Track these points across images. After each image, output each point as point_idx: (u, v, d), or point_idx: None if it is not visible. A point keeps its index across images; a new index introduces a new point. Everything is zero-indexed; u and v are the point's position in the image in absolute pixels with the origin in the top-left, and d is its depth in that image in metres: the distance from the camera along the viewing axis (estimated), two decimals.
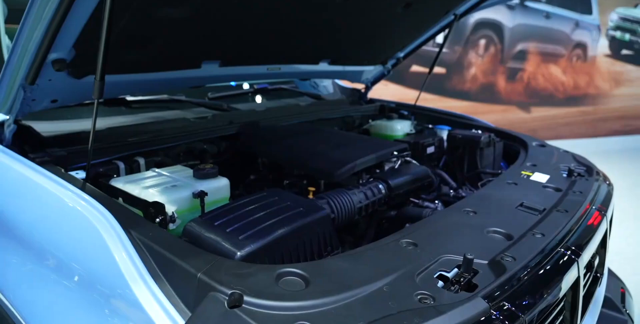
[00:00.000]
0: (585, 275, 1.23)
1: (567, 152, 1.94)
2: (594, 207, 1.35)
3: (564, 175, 1.59)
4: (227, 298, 0.73)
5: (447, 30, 2.25)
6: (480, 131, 2.13)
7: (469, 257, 0.90)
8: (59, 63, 1.16)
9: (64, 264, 0.93)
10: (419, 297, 0.81)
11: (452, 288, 0.87)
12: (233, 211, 1.05)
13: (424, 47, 2.40)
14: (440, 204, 1.66)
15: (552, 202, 1.32)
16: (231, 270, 0.81)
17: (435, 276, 0.90)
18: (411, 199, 1.65)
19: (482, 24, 6.45)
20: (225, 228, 0.97)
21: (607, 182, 1.64)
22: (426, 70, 6.58)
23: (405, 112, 2.52)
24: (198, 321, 0.73)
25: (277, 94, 2.37)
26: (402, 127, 2.35)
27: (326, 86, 2.80)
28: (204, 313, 0.73)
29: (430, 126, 2.39)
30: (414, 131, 2.39)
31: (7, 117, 1.28)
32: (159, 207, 1.04)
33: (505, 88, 6.99)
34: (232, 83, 2.33)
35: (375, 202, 1.37)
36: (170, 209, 1.07)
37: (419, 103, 2.56)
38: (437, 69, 6.59)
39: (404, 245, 1.01)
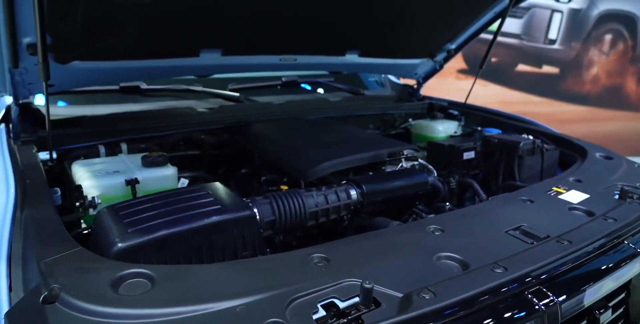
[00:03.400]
0: None
1: None
2: (629, 243, 1.00)
3: (615, 197, 1.22)
4: (46, 292, 0.67)
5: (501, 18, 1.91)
6: (530, 136, 1.77)
7: (367, 286, 0.71)
8: (32, 47, 1.21)
9: None
10: None
11: (330, 321, 0.69)
12: (149, 202, 0.98)
13: (533, 44, 2.07)
14: None
15: (566, 229, 1.01)
16: (77, 263, 0.74)
17: (320, 303, 0.72)
18: (414, 209, 1.42)
19: (609, 16, 5.50)
20: (125, 218, 0.91)
21: None
22: (536, 69, 5.85)
23: (455, 112, 2.22)
24: (14, 313, 0.67)
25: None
26: (444, 128, 2.08)
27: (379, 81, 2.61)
28: (22, 305, 0.68)
29: (479, 128, 2.07)
30: (459, 133, 2.09)
31: (11, 100, 1.40)
32: (79, 191, 1.03)
33: (636, 92, 5.91)
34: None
35: (340, 207, 1.19)
36: (91, 194, 1.05)
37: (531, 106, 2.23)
38: (548, 69, 5.80)
39: (314, 260, 0.84)
